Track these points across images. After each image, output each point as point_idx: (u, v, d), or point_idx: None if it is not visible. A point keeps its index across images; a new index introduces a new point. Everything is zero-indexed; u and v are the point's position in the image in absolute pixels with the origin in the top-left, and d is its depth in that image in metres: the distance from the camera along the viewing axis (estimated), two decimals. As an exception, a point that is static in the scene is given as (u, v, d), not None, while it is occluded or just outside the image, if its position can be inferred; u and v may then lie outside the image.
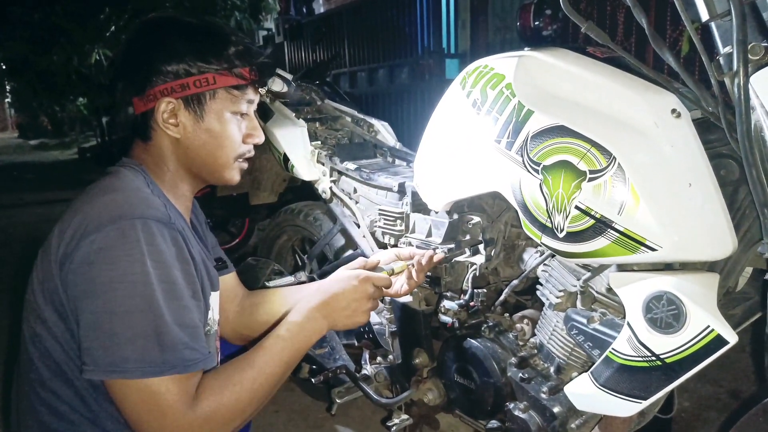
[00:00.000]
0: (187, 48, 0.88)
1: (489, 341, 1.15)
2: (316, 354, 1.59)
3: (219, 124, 0.93)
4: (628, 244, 0.81)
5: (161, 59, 0.88)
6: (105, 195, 0.83)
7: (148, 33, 0.92)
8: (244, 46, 0.93)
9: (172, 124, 0.90)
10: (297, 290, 1.21)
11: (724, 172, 0.85)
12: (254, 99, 0.97)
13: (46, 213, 5.44)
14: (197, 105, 0.90)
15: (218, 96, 0.91)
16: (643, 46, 2.84)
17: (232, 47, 0.91)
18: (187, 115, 0.90)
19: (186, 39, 0.89)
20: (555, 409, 1.03)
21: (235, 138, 0.95)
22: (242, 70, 0.93)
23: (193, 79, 0.88)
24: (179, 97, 0.89)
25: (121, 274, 0.75)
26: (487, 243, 1.18)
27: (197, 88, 0.89)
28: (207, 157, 0.95)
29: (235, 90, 0.93)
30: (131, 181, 0.88)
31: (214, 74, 0.90)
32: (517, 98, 0.96)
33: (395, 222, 1.43)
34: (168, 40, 0.89)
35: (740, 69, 0.71)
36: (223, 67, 0.90)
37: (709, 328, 0.78)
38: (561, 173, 0.86)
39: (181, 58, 0.88)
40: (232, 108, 0.93)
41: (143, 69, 0.88)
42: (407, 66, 5.34)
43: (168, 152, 0.94)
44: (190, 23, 0.93)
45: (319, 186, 1.67)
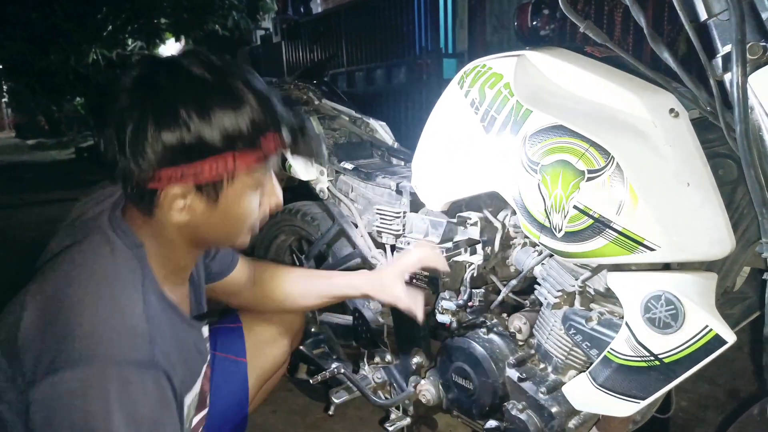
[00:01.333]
0: (199, 122, 0.70)
1: (487, 341, 1.15)
2: (314, 354, 1.59)
3: (236, 206, 0.79)
4: (627, 244, 0.81)
5: (167, 136, 0.70)
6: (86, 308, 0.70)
7: (148, 93, 0.72)
8: (266, 110, 0.76)
9: (180, 208, 0.75)
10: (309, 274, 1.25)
11: (723, 171, 0.85)
12: (275, 164, 0.82)
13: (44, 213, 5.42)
14: (212, 191, 0.75)
15: (238, 179, 0.76)
16: (641, 45, 2.85)
17: (253, 114, 0.74)
18: (199, 200, 0.75)
19: (197, 108, 0.70)
20: (553, 409, 1.03)
21: (254, 214, 0.83)
22: (267, 139, 0.76)
23: (208, 164, 0.72)
24: (190, 183, 0.73)
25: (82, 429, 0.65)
26: (485, 243, 1.18)
27: (212, 173, 0.73)
28: (218, 235, 0.83)
29: (258, 167, 0.77)
30: (123, 285, 0.74)
31: (233, 154, 0.73)
32: (516, 98, 0.96)
33: (393, 221, 1.42)
34: (174, 109, 0.70)
35: (738, 68, 0.71)
36: (244, 145, 0.73)
37: (707, 327, 0.78)
38: (559, 173, 0.86)
39: (194, 137, 0.70)
40: (253, 187, 0.79)
41: (143, 144, 0.70)
42: (405, 66, 5.34)
43: (172, 230, 0.80)
44: (197, 81, 0.72)
45: (317, 186, 1.67)
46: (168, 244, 0.82)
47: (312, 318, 1.68)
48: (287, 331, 1.35)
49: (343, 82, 6.16)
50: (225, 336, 1.23)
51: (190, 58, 0.75)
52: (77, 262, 0.75)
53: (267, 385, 1.33)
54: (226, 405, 1.15)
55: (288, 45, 7.41)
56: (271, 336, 1.31)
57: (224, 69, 0.75)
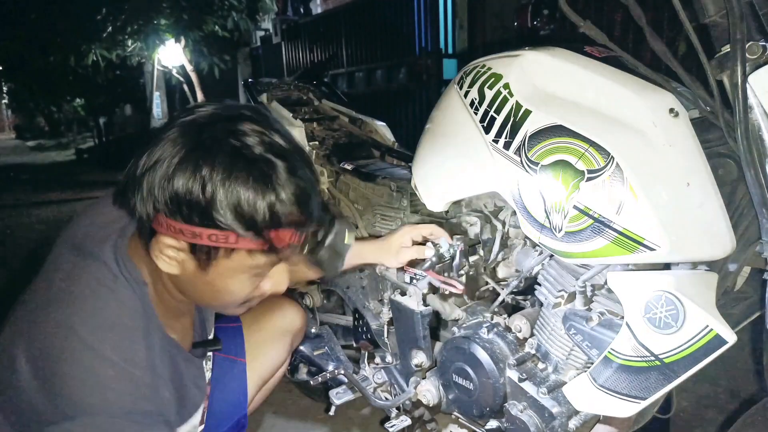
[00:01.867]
0: (216, 188, 0.65)
1: (487, 342, 1.14)
2: (315, 355, 1.58)
3: (225, 282, 0.74)
4: (627, 244, 0.81)
5: (179, 185, 0.66)
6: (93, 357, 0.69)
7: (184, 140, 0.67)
8: (297, 206, 0.69)
9: (169, 258, 0.71)
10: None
11: (723, 171, 0.85)
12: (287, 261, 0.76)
13: (43, 214, 5.43)
14: (205, 257, 0.70)
15: (235, 257, 0.71)
16: (641, 45, 2.84)
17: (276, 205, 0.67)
18: (191, 260, 0.71)
19: (222, 172, 0.65)
20: (554, 410, 1.02)
21: (243, 295, 0.77)
22: (279, 234, 0.70)
23: (208, 232, 0.67)
24: (186, 241, 0.69)
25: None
26: (485, 243, 1.18)
27: (210, 242, 0.68)
28: (203, 299, 0.80)
29: (260, 255, 0.71)
30: (127, 332, 0.73)
31: (236, 235, 0.67)
32: (515, 98, 0.96)
33: (393, 222, 1.42)
34: (199, 165, 0.66)
35: (738, 68, 0.71)
36: (253, 230, 0.68)
37: (708, 327, 0.78)
38: (559, 173, 0.86)
39: (203, 199, 0.65)
40: (251, 270, 0.74)
41: (155, 184, 0.67)
42: (405, 66, 5.34)
43: (164, 275, 0.77)
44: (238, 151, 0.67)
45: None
46: (164, 286, 0.80)
47: (312, 318, 1.68)
48: (287, 332, 1.35)
49: (343, 83, 6.16)
50: (224, 335, 1.23)
51: (252, 127, 0.69)
52: (78, 305, 0.72)
53: (267, 385, 1.33)
54: (225, 405, 1.15)
55: (288, 46, 7.41)
56: (271, 336, 1.31)
57: (276, 150, 0.69)
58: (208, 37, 7.39)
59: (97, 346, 0.70)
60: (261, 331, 1.29)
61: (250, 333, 1.26)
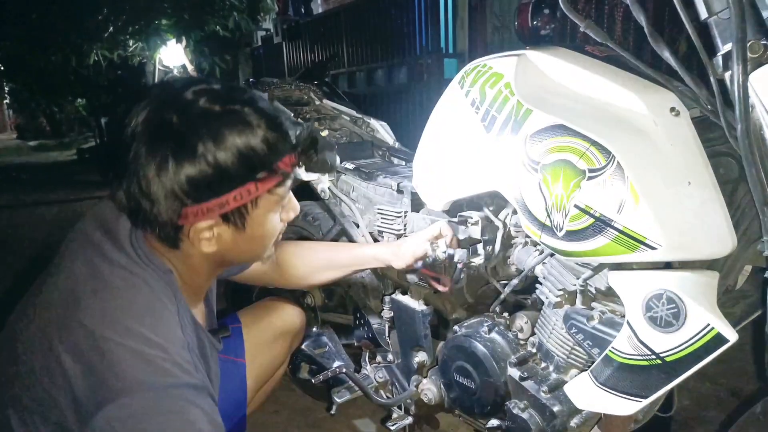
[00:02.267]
0: (218, 156, 0.71)
1: (488, 340, 1.15)
2: (316, 354, 1.59)
3: (262, 228, 0.81)
4: (628, 243, 0.81)
5: (189, 175, 0.70)
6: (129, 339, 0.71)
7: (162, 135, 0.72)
8: (279, 132, 0.76)
9: (208, 239, 0.77)
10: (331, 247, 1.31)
11: (724, 170, 0.85)
12: (294, 182, 0.83)
13: (45, 214, 5.43)
14: (238, 218, 0.77)
15: (261, 202, 0.78)
16: (642, 44, 2.84)
17: (268, 138, 0.74)
18: (227, 228, 0.77)
19: (213, 139, 0.71)
20: (555, 408, 1.03)
21: (278, 230, 0.86)
22: (283, 161, 0.77)
23: (232, 194, 0.74)
24: (216, 215, 0.75)
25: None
26: (486, 242, 1.18)
27: (237, 202, 0.75)
28: (246, 256, 0.88)
29: (279, 188, 0.79)
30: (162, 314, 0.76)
31: (255, 183, 0.75)
32: (516, 97, 0.96)
33: (394, 221, 1.42)
34: (193, 147, 0.71)
35: (739, 67, 0.71)
36: (264, 170, 0.75)
37: (709, 326, 0.78)
38: (560, 172, 0.86)
39: (214, 170, 0.71)
40: (276, 207, 0.82)
41: (167, 187, 0.71)
42: (406, 66, 5.35)
43: (199, 260, 0.82)
44: (208, 114, 0.73)
45: (318, 186, 1.67)
46: (191, 271, 0.84)
47: (314, 317, 1.68)
48: (287, 332, 1.35)
49: (344, 83, 6.16)
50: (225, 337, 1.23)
51: (194, 91, 0.74)
52: (113, 296, 0.75)
53: (267, 385, 1.34)
54: (225, 405, 1.15)
55: (289, 45, 7.41)
56: (271, 337, 1.31)
57: (230, 97, 0.75)
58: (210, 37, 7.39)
59: (137, 330, 0.72)
60: (261, 332, 1.29)
61: (250, 334, 1.27)
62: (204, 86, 0.76)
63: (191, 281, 0.86)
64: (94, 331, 0.71)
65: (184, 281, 0.84)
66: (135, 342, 0.71)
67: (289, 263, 1.27)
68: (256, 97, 0.78)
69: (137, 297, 0.76)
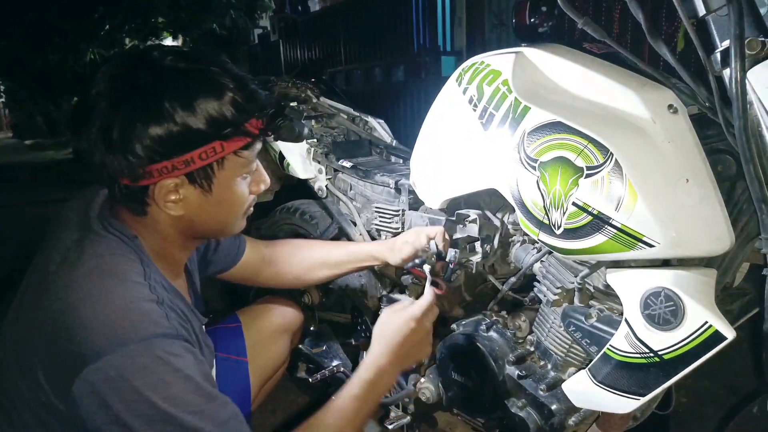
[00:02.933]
0: (184, 113, 0.72)
1: (486, 339, 1.14)
2: (313, 353, 1.58)
3: (229, 192, 0.81)
4: (626, 241, 0.81)
5: (155, 130, 0.71)
6: (94, 301, 0.71)
7: (129, 91, 0.73)
8: (246, 93, 0.77)
9: (174, 201, 0.77)
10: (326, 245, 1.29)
11: (721, 167, 0.85)
12: (260, 146, 0.84)
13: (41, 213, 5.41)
14: (204, 179, 0.77)
15: (227, 164, 0.78)
16: (640, 41, 2.84)
17: (235, 98, 0.75)
18: (193, 190, 0.78)
19: (180, 99, 0.72)
20: (553, 406, 1.02)
21: (245, 199, 0.85)
22: (250, 123, 0.78)
23: (198, 152, 0.74)
24: (182, 174, 0.75)
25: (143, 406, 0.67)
26: (484, 240, 1.18)
27: (203, 161, 0.75)
28: (215, 224, 0.85)
29: (245, 151, 0.79)
30: (125, 274, 0.75)
31: (221, 142, 0.75)
32: (514, 94, 0.95)
33: (392, 219, 1.42)
34: (159, 103, 0.71)
35: (737, 64, 0.71)
36: (230, 130, 0.76)
37: (707, 323, 0.78)
38: (558, 169, 0.86)
39: (181, 127, 0.72)
40: (243, 171, 0.82)
41: (132, 142, 0.71)
42: (403, 64, 5.34)
43: (167, 226, 0.82)
44: (176, 73, 0.74)
45: (316, 184, 1.67)
46: (162, 240, 0.84)
47: (311, 316, 1.68)
48: (287, 330, 1.35)
49: (342, 81, 6.15)
50: (225, 336, 1.23)
51: (161, 51, 0.77)
52: (79, 266, 0.75)
53: (268, 384, 1.33)
54: None
55: (286, 43, 7.39)
56: (271, 334, 1.31)
57: (198, 58, 0.77)
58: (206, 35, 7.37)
59: (104, 290, 0.72)
60: (261, 331, 1.29)
61: (250, 333, 1.26)
62: (170, 47, 0.78)
63: (162, 250, 0.85)
64: (56, 307, 0.71)
65: (154, 250, 0.83)
66: (103, 302, 0.71)
67: (284, 261, 1.26)
68: (223, 59, 0.79)
69: (102, 263, 0.75)
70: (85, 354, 0.67)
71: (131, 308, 0.72)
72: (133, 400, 0.67)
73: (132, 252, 0.79)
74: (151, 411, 0.68)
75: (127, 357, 0.68)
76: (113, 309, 0.71)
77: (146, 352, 0.69)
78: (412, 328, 0.93)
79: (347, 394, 0.88)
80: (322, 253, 1.28)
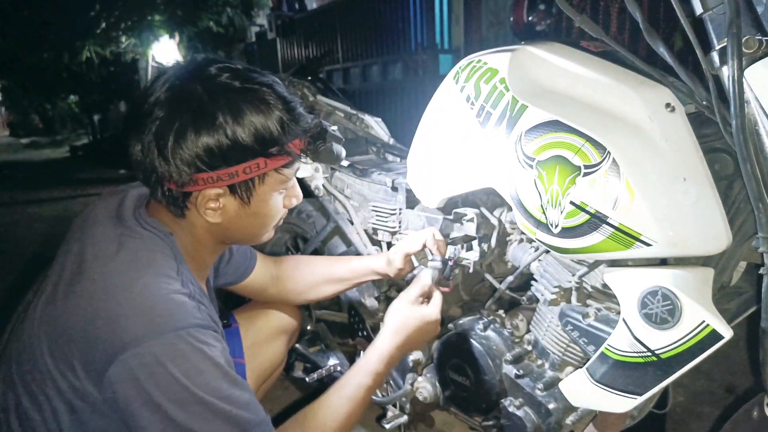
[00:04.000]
0: (235, 127, 0.77)
1: (484, 338, 1.14)
2: (310, 352, 1.58)
3: (266, 205, 0.86)
4: (623, 240, 0.81)
5: (206, 141, 0.76)
6: (131, 290, 0.75)
7: (185, 102, 0.77)
8: (293, 115, 0.82)
9: (213, 209, 0.82)
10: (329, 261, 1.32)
11: (719, 166, 0.85)
12: (299, 166, 0.89)
13: (37, 212, 5.40)
14: (245, 192, 0.82)
15: (268, 180, 0.83)
16: (637, 40, 2.84)
17: (282, 118, 0.80)
18: (233, 200, 0.83)
19: (232, 113, 0.77)
20: (550, 406, 1.02)
21: (279, 212, 0.90)
22: (293, 143, 0.83)
23: (243, 166, 0.79)
24: (225, 185, 0.80)
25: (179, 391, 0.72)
26: (481, 239, 1.17)
27: (246, 174, 0.80)
28: (247, 233, 0.90)
29: (286, 169, 0.84)
30: (161, 268, 0.79)
31: (265, 158, 0.80)
32: (511, 93, 0.95)
33: (388, 218, 1.42)
34: (212, 115, 0.76)
35: (734, 62, 0.70)
36: (275, 149, 0.81)
37: (704, 323, 0.78)
38: (555, 168, 0.86)
39: (230, 140, 0.77)
40: (280, 187, 0.87)
41: (184, 150, 0.76)
42: (400, 62, 5.34)
43: (202, 230, 0.87)
44: (229, 89, 0.78)
45: (312, 183, 1.66)
46: (195, 242, 0.88)
47: (308, 316, 1.68)
48: (284, 331, 1.34)
49: (339, 79, 6.14)
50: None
51: (216, 66, 0.81)
52: (115, 259, 0.78)
53: (265, 385, 1.33)
54: None
55: (283, 41, 7.38)
56: (268, 336, 1.30)
57: (250, 76, 0.81)
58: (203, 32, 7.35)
59: (141, 281, 0.76)
60: (258, 332, 1.28)
61: (248, 334, 1.26)
62: (227, 64, 0.82)
63: (195, 252, 0.89)
64: (95, 295, 0.75)
65: (187, 251, 0.87)
66: (136, 294, 0.75)
67: (288, 278, 1.28)
68: (273, 80, 0.84)
69: (138, 256, 0.79)
70: (124, 340, 0.71)
71: (168, 299, 0.76)
72: (168, 384, 0.71)
73: (167, 248, 0.83)
74: (184, 395, 0.72)
75: (166, 344, 0.72)
76: (151, 298, 0.75)
77: (182, 341, 0.73)
78: (425, 320, 1.01)
79: (356, 382, 0.93)
80: (326, 270, 1.29)
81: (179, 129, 0.76)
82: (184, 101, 0.77)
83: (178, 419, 0.71)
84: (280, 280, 1.27)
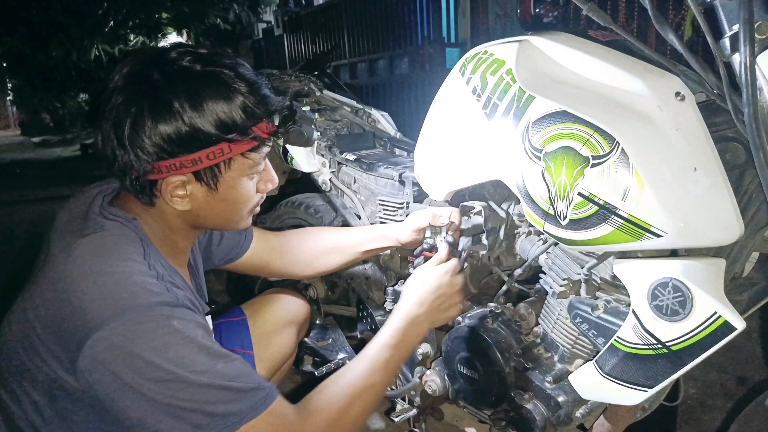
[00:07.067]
0: (193, 113, 0.74)
1: (492, 331, 1.14)
2: (319, 346, 1.59)
3: (235, 191, 0.83)
4: (633, 231, 0.80)
5: (163, 128, 0.74)
6: (95, 276, 0.73)
7: (142, 88, 0.75)
8: (258, 97, 0.79)
9: (180, 196, 0.80)
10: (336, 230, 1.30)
11: (730, 155, 0.84)
12: (269, 149, 0.85)
13: (49, 210, 5.44)
14: (210, 178, 0.80)
15: (234, 164, 0.81)
16: (646, 28, 2.81)
17: (245, 102, 0.78)
18: (199, 187, 0.80)
19: (191, 101, 0.74)
20: (560, 398, 1.02)
21: (251, 198, 0.87)
22: (259, 127, 0.80)
23: (205, 152, 0.76)
24: (189, 172, 0.78)
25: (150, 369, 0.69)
26: (489, 232, 1.17)
27: (210, 160, 0.77)
28: (219, 219, 0.87)
29: (253, 153, 0.81)
30: (125, 253, 0.77)
31: (228, 143, 0.77)
32: (518, 84, 0.94)
33: (396, 212, 1.41)
34: (169, 102, 0.74)
35: (746, 49, 0.69)
36: (239, 132, 0.78)
37: (716, 314, 0.77)
38: (563, 159, 0.85)
39: (189, 127, 0.74)
40: (249, 172, 0.84)
41: (142, 138, 0.74)
42: (407, 56, 5.32)
43: (173, 217, 0.85)
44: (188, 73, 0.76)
45: (319, 177, 1.66)
46: (167, 228, 0.86)
47: (316, 310, 1.68)
48: (292, 321, 1.34)
49: (346, 74, 6.13)
50: (230, 330, 1.23)
51: (178, 50, 0.79)
52: (81, 248, 0.76)
53: (276, 376, 1.33)
54: None
55: (290, 37, 7.38)
56: (277, 326, 1.31)
57: (213, 59, 0.79)
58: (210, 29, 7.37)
59: (104, 266, 0.74)
60: (266, 323, 1.29)
61: (256, 325, 1.26)
62: (189, 48, 0.79)
63: (165, 236, 0.87)
64: (58, 286, 0.74)
65: (156, 235, 0.85)
66: (99, 279, 0.73)
67: (293, 249, 1.26)
68: (238, 62, 0.81)
69: (100, 241, 0.77)
70: (89, 325, 0.69)
71: (131, 281, 0.74)
72: (137, 364, 0.69)
73: (132, 233, 0.81)
74: (158, 373, 0.69)
75: (128, 323, 0.70)
76: (113, 282, 0.73)
77: (146, 318, 0.71)
78: (444, 282, 0.98)
79: (379, 342, 0.91)
80: (332, 238, 1.28)
81: (136, 116, 0.74)
82: (140, 88, 0.75)
83: (157, 398, 0.69)
84: (285, 252, 1.25)
